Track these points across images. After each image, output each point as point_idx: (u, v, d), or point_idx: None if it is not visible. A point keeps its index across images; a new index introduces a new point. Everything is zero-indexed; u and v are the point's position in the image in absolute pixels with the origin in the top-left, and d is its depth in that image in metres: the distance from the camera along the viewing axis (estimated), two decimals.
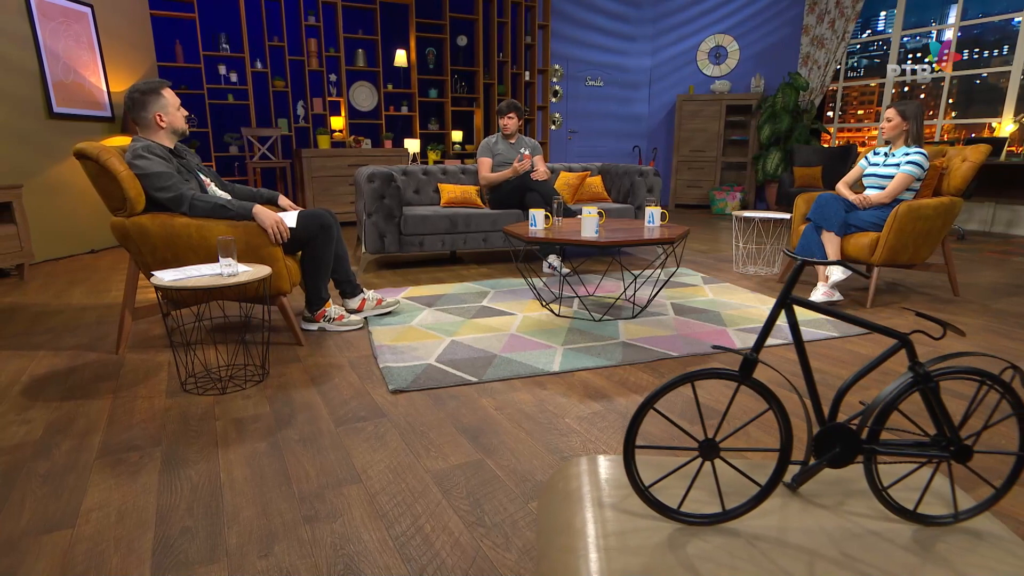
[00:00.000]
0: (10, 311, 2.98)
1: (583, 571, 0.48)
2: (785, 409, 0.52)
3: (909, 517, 0.53)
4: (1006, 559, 0.48)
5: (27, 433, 1.71)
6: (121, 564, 1.17)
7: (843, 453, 0.53)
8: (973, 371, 0.53)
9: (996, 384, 0.51)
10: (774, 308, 0.56)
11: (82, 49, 4.59)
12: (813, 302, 0.55)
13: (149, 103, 2.33)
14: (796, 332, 0.56)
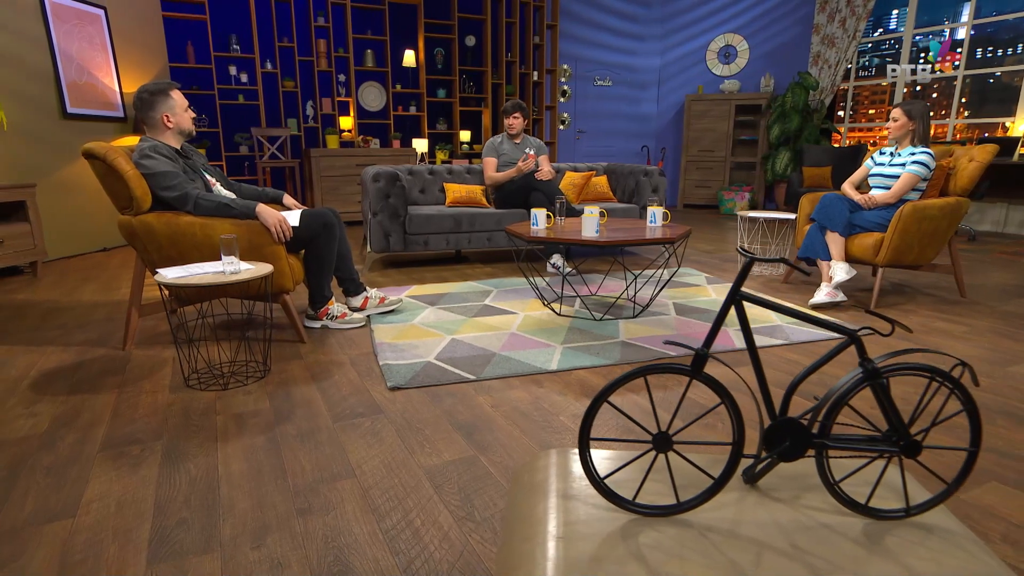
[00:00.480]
0: (23, 307, 3.05)
1: (538, 558, 0.50)
2: (737, 404, 0.53)
3: (860, 511, 0.54)
4: (954, 553, 0.49)
5: (33, 426, 1.75)
6: (118, 553, 1.20)
7: (793, 447, 0.54)
8: (922, 367, 0.53)
9: (946, 380, 0.52)
10: (724, 304, 0.57)
11: (95, 50, 4.67)
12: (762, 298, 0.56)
13: (157, 103, 2.38)
14: (746, 328, 0.57)
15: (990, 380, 2.11)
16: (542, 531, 0.53)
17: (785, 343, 2.49)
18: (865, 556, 0.48)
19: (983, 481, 1.48)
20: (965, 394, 0.52)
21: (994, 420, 1.80)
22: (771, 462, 0.56)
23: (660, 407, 1.89)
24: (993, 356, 2.35)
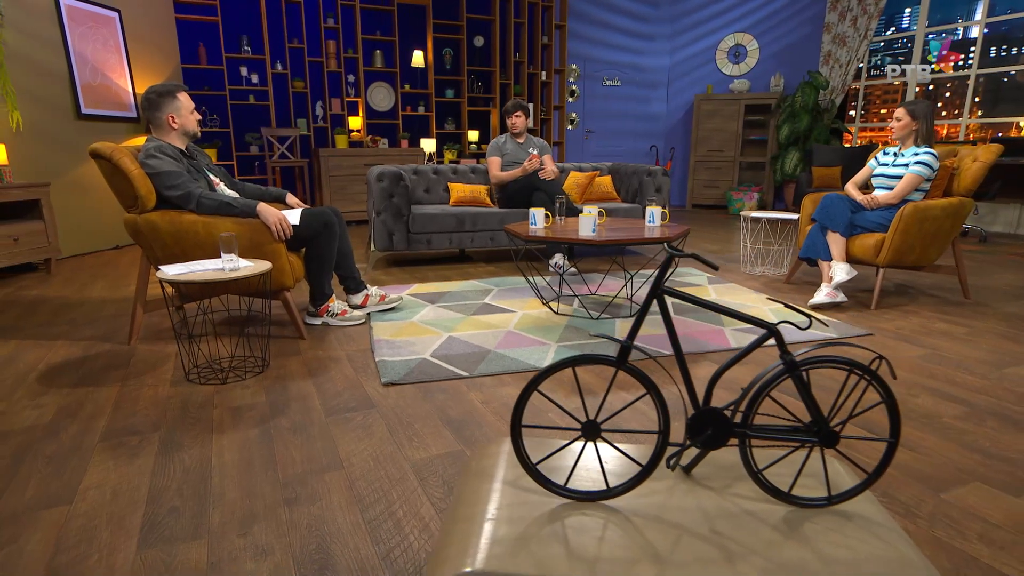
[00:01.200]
0: (35, 303, 3.13)
1: (470, 537, 0.52)
2: (662, 394, 0.56)
3: (784, 499, 0.56)
4: (869, 540, 0.51)
5: (39, 417, 1.81)
6: (110, 539, 1.25)
7: (715, 435, 0.56)
8: (840, 360, 0.55)
9: (864, 373, 0.53)
10: (647, 298, 0.59)
11: (109, 52, 4.77)
12: (683, 292, 0.58)
13: (164, 104, 2.44)
14: (668, 321, 0.60)
15: (985, 381, 2.10)
16: (480, 513, 0.56)
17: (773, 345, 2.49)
18: (780, 541, 0.50)
19: (966, 481, 1.48)
20: (883, 386, 0.53)
21: (984, 421, 1.80)
22: (702, 451, 0.59)
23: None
24: (990, 357, 2.33)
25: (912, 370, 2.21)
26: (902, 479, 1.48)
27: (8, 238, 3.57)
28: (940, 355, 2.37)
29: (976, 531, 1.28)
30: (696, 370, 2.21)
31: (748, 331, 2.63)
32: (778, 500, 0.56)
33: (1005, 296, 3.29)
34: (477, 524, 0.54)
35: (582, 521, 0.53)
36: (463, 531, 0.54)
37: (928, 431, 1.74)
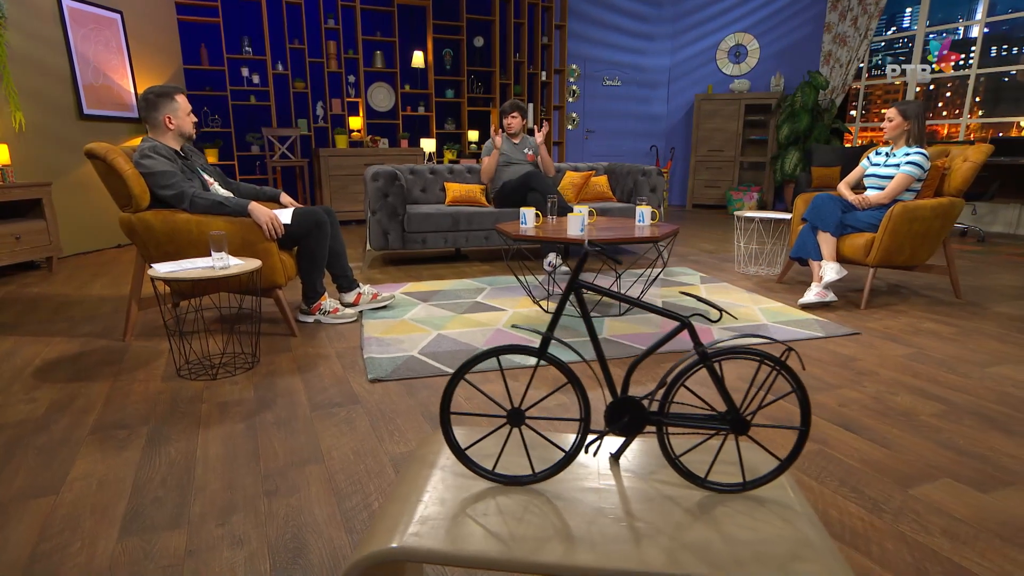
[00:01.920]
0: (36, 300, 3.19)
1: (402, 516, 0.56)
2: (582, 383, 0.58)
3: (700, 484, 0.59)
4: (775, 523, 0.54)
5: (31, 410, 1.85)
6: (93, 528, 1.29)
7: (632, 423, 0.59)
8: (751, 351, 0.58)
9: (775, 364, 0.56)
10: (564, 292, 0.62)
11: (111, 53, 4.83)
12: (599, 286, 0.61)
13: (161, 105, 2.48)
14: (586, 314, 0.62)
15: (967, 380, 2.11)
16: (413, 495, 0.59)
17: (767, 342, 2.51)
18: (689, 523, 0.53)
19: (936, 477, 1.50)
20: (793, 376, 0.56)
21: (962, 419, 1.81)
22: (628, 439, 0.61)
23: None
24: (975, 357, 2.35)
25: (896, 369, 2.22)
26: (872, 475, 1.50)
27: (10, 236, 3.63)
28: (925, 354, 2.38)
29: (940, 526, 1.30)
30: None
31: (733, 330, 2.65)
32: (696, 485, 0.59)
33: (998, 296, 3.30)
34: (409, 505, 0.57)
35: (505, 503, 0.56)
36: (395, 511, 0.57)
37: (904, 428, 1.75)
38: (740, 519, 0.54)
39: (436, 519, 0.54)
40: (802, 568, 0.47)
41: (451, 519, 0.54)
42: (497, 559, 0.48)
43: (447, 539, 0.51)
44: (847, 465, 1.55)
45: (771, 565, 0.47)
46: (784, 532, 0.52)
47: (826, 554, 0.50)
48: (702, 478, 0.58)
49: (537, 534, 0.51)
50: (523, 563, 0.48)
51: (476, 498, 0.57)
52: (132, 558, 1.19)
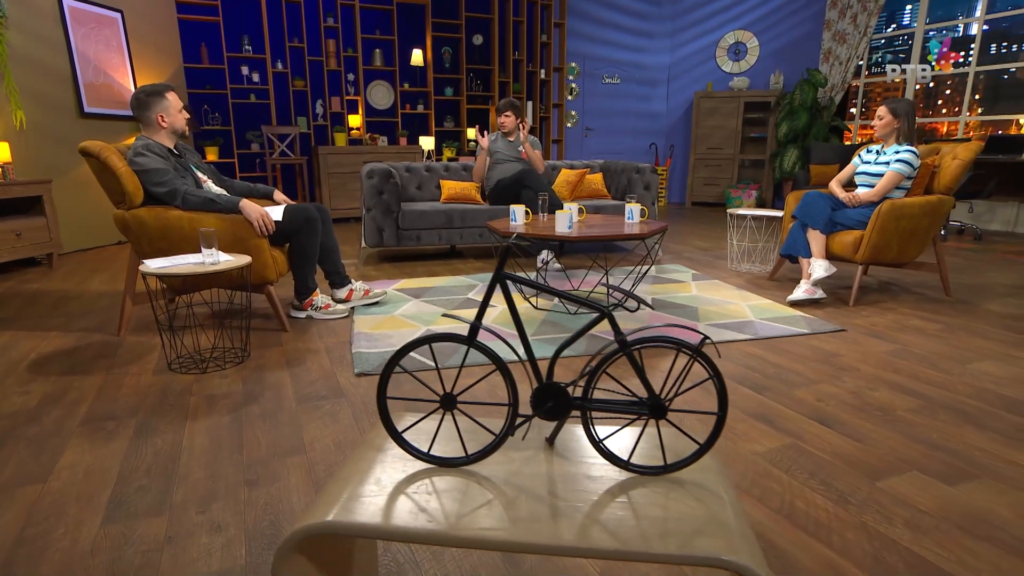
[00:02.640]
0: (34, 296, 3.24)
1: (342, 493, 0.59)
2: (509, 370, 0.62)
3: (623, 466, 0.62)
4: (688, 502, 0.56)
5: (24, 402, 1.90)
6: (78, 514, 1.33)
7: (556, 408, 0.62)
8: (668, 339, 0.60)
9: (692, 352, 0.59)
10: (490, 283, 0.65)
11: (112, 52, 4.88)
12: (523, 277, 0.64)
13: (153, 104, 2.52)
14: (512, 305, 0.65)
15: (947, 376, 2.13)
16: (354, 476, 0.62)
17: (752, 338, 2.54)
18: (607, 501, 0.56)
19: (905, 470, 1.52)
20: (710, 364, 0.59)
21: (937, 414, 1.84)
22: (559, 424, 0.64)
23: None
24: (956, 353, 2.36)
25: (877, 365, 2.24)
26: (842, 468, 1.53)
27: (11, 233, 3.69)
28: (908, 351, 2.40)
29: (903, 517, 1.33)
30: (663, 363, 2.26)
31: (720, 327, 2.68)
32: (619, 468, 0.62)
33: (988, 294, 3.31)
34: (350, 484, 0.61)
35: (438, 482, 0.60)
36: (336, 489, 0.60)
37: (879, 423, 1.78)
38: (656, 499, 0.57)
39: (371, 496, 0.58)
40: (703, 543, 0.50)
41: (385, 496, 0.57)
42: (419, 532, 0.52)
43: (377, 514, 0.54)
44: (818, 458, 1.58)
45: (674, 540, 0.50)
46: (696, 512, 0.55)
47: (733, 533, 0.53)
48: (625, 461, 0.61)
49: (461, 510, 0.54)
50: (444, 537, 0.52)
51: (412, 478, 0.60)
52: (113, 543, 1.23)
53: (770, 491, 1.43)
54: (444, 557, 1.20)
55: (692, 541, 0.50)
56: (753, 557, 0.50)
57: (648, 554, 0.49)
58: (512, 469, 0.62)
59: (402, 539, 0.52)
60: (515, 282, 0.63)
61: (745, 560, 0.49)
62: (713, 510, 0.55)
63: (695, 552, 0.49)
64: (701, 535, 0.51)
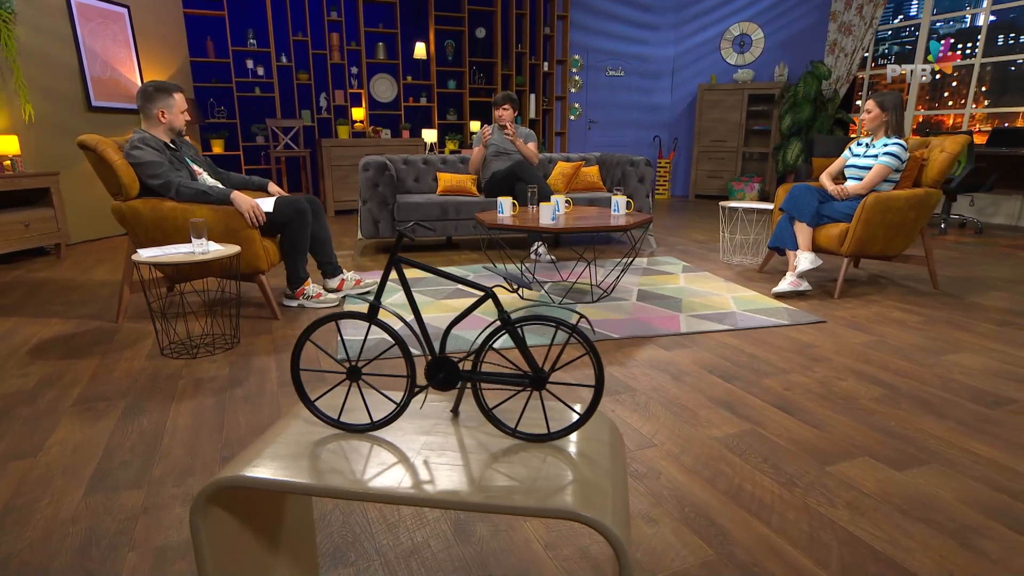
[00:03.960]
0: (40, 284, 3.36)
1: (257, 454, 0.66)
2: (406, 344, 0.68)
3: (511, 433, 0.68)
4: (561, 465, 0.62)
5: (22, 384, 2.00)
6: (63, 486, 1.42)
7: (447, 379, 0.68)
8: (547, 318, 0.66)
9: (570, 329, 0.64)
10: (387, 266, 0.71)
11: (119, 47, 4.99)
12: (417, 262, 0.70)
13: (158, 99, 2.60)
14: (406, 285, 0.71)
15: (918, 367, 2.16)
16: (272, 438, 0.69)
17: (731, 329, 2.58)
18: (487, 462, 0.62)
19: (856, 456, 1.57)
20: (586, 340, 0.64)
21: (899, 403, 1.87)
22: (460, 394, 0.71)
23: None
24: (933, 345, 2.39)
25: (850, 356, 2.28)
26: (796, 453, 1.58)
27: (20, 224, 3.81)
28: (885, 342, 2.43)
29: (846, 499, 1.38)
30: (638, 353, 2.31)
31: (701, 317, 2.72)
32: (508, 435, 0.68)
33: (978, 287, 3.31)
34: (267, 445, 0.67)
35: (343, 445, 0.66)
36: (255, 450, 0.67)
37: (841, 411, 1.82)
38: (533, 462, 0.62)
39: (283, 456, 0.64)
40: (562, 499, 0.56)
41: (296, 457, 0.64)
42: (318, 488, 0.58)
43: (281, 470, 0.60)
44: (774, 444, 1.63)
45: (535, 495, 0.56)
46: (567, 473, 0.61)
47: (596, 493, 0.59)
48: (512, 428, 0.67)
49: (358, 468, 0.61)
50: (331, 490, 0.58)
51: (321, 442, 0.67)
52: (93, 512, 1.32)
53: (721, 474, 1.48)
54: (399, 529, 1.27)
55: (553, 497, 0.56)
56: (610, 516, 0.56)
57: (509, 507, 0.55)
58: (416, 435, 0.68)
59: (303, 492, 0.59)
60: (410, 265, 0.69)
61: (596, 515, 0.55)
62: (585, 474, 0.61)
63: (550, 505, 0.55)
64: (563, 492, 0.57)
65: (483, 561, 1.17)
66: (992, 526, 1.28)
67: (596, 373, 0.64)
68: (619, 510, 0.59)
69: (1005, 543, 1.22)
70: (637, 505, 1.36)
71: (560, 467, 0.61)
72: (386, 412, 0.70)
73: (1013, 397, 1.91)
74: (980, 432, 1.69)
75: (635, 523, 1.29)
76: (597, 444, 0.70)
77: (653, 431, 1.70)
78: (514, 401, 0.87)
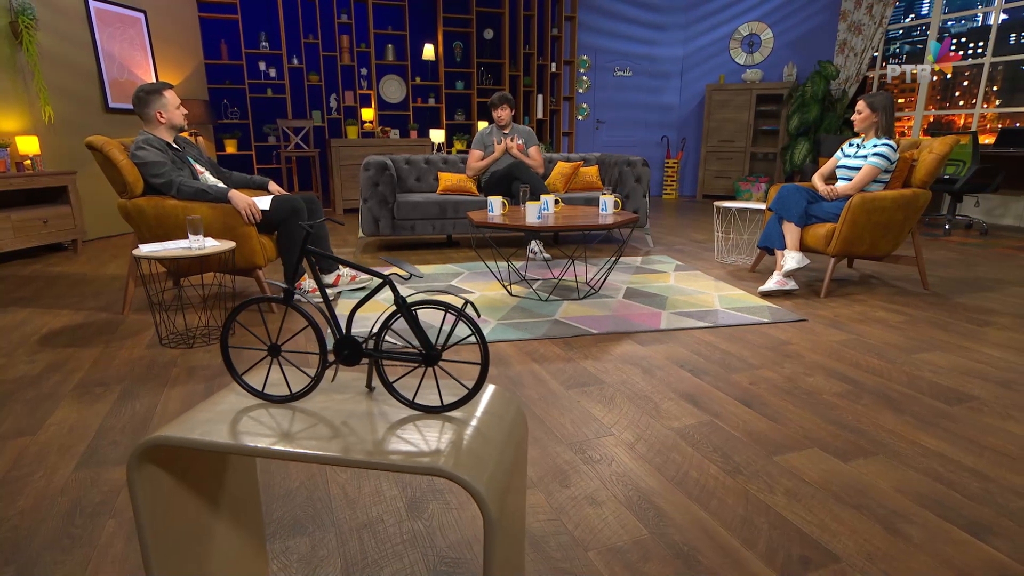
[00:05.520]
0: (56, 278, 3.53)
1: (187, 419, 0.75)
2: (318, 324, 0.77)
3: (408, 405, 0.76)
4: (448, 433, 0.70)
5: (29, 370, 2.14)
6: (56, 461, 1.54)
7: (351, 356, 0.76)
8: (437, 302, 0.74)
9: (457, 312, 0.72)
10: (298, 256, 0.80)
11: (135, 50, 5.18)
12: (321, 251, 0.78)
13: (152, 102, 2.74)
14: (317, 276, 0.80)
15: (888, 365, 2.20)
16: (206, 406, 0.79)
17: (710, 326, 2.63)
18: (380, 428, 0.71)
19: (805, 447, 1.62)
20: (471, 322, 0.72)
21: (861, 399, 1.92)
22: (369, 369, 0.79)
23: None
24: (908, 344, 2.42)
25: (823, 353, 2.32)
26: (748, 444, 1.64)
27: (39, 220, 4.00)
28: (861, 340, 2.47)
29: (785, 487, 1.44)
30: (614, 348, 2.38)
31: (682, 314, 2.78)
32: (407, 407, 0.77)
33: (968, 288, 3.31)
34: (195, 413, 0.77)
35: (262, 414, 0.75)
36: (188, 416, 0.76)
37: (801, 406, 1.87)
38: (428, 431, 0.71)
39: (208, 421, 0.73)
40: (437, 458, 0.65)
41: (217, 421, 0.73)
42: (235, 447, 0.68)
43: (202, 432, 0.70)
44: (728, 435, 1.69)
45: (415, 456, 0.65)
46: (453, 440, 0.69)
47: (472, 457, 0.67)
48: (410, 400, 0.76)
49: (268, 432, 0.70)
50: (240, 448, 0.67)
51: (243, 409, 0.76)
52: (80, 485, 1.43)
53: (671, 461, 1.55)
54: (356, 505, 1.36)
55: (430, 456, 0.65)
56: (483, 480, 0.64)
57: (386, 464, 0.63)
58: (330, 406, 0.77)
59: (223, 451, 0.68)
60: (317, 256, 0.78)
61: (464, 475, 0.63)
62: (470, 443, 0.69)
63: (422, 464, 0.63)
64: (440, 455, 0.66)
65: (431, 535, 1.26)
66: (921, 513, 1.33)
67: (481, 352, 0.73)
68: (496, 476, 0.67)
69: (929, 529, 1.28)
70: (585, 488, 1.43)
71: (449, 435, 0.70)
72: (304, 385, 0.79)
73: (974, 395, 1.94)
74: (934, 427, 1.73)
75: (579, 504, 1.37)
76: (496, 420, 0.78)
77: (614, 421, 1.77)
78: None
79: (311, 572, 1.15)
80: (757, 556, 1.20)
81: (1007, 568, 1.16)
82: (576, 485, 1.45)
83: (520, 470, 0.82)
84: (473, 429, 0.73)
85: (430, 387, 0.87)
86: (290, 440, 0.69)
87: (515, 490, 0.78)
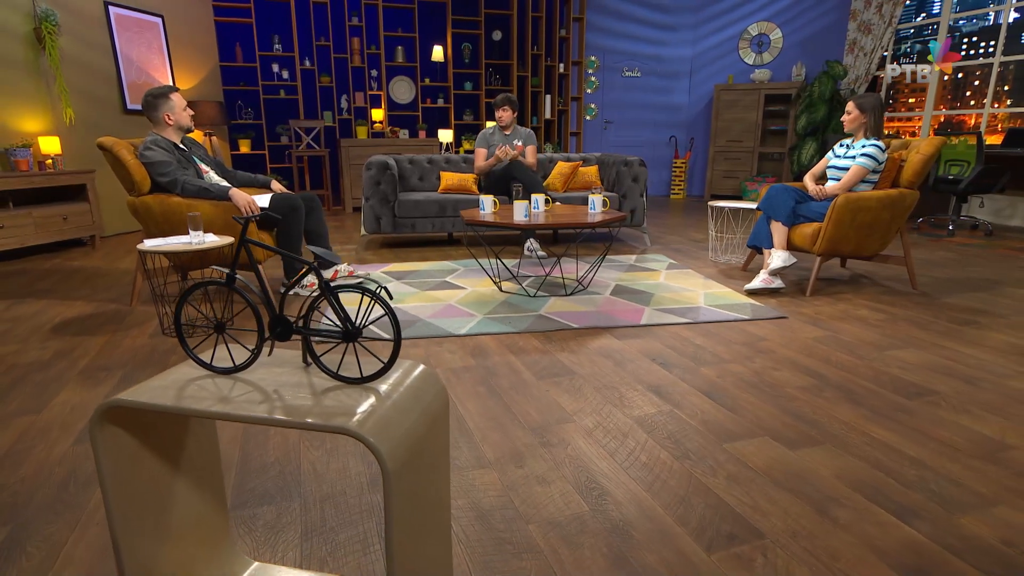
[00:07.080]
0: (73, 271, 3.72)
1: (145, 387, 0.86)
2: (256, 305, 0.87)
3: (333, 376, 0.87)
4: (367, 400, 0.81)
5: (40, 355, 2.29)
6: (57, 436, 1.68)
7: (283, 332, 0.87)
8: (355, 286, 0.84)
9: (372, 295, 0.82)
10: (237, 246, 0.90)
11: (153, 54, 5.38)
12: (258, 242, 0.88)
13: (160, 104, 2.89)
14: (254, 264, 0.91)
15: (857, 361, 2.25)
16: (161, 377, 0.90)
17: (690, 322, 2.70)
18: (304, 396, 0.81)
19: (757, 436, 1.69)
20: (385, 304, 0.82)
21: (823, 392, 1.98)
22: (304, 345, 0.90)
23: None
24: (882, 341, 2.46)
25: (796, 349, 2.38)
26: (702, 432, 1.72)
27: (59, 217, 4.20)
28: (836, 338, 2.52)
29: (728, 472, 1.51)
30: (591, 342, 2.46)
31: (665, 311, 2.85)
32: (332, 377, 0.87)
33: (957, 287, 3.32)
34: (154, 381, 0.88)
35: (208, 384, 0.86)
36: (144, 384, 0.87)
37: (762, 398, 1.94)
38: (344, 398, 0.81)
39: (160, 388, 0.84)
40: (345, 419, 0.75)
41: (167, 388, 0.84)
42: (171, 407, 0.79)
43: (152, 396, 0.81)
44: (685, 423, 1.77)
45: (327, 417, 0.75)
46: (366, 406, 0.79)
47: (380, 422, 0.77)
48: (334, 372, 0.86)
49: (211, 396, 0.81)
50: (183, 409, 0.78)
51: (191, 379, 0.87)
52: (76, 458, 1.57)
53: (624, 447, 1.64)
54: (324, 479, 1.47)
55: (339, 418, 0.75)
56: (387, 441, 0.74)
57: (302, 423, 0.74)
58: (267, 377, 0.88)
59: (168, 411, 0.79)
60: (256, 246, 0.88)
61: (365, 433, 0.73)
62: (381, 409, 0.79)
63: (332, 423, 0.74)
64: (351, 416, 0.76)
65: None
66: (854, 497, 1.40)
67: (394, 330, 0.83)
68: (401, 441, 0.77)
69: (858, 511, 1.34)
70: (537, 468, 1.53)
71: (365, 403, 0.80)
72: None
73: (936, 390, 1.99)
74: (888, 419, 1.79)
75: (529, 483, 1.46)
76: (413, 394, 0.88)
77: (577, 409, 1.86)
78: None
79: (273, 536, 1.27)
80: (688, 532, 1.28)
81: (922, 548, 1.23)
82: (529, 466, 1.54)
83: (437, 441, 0.92)
84: (388, 399, 0.83)
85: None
86: (226, 403, 0.79)
87: (429, 457, 0.88)
